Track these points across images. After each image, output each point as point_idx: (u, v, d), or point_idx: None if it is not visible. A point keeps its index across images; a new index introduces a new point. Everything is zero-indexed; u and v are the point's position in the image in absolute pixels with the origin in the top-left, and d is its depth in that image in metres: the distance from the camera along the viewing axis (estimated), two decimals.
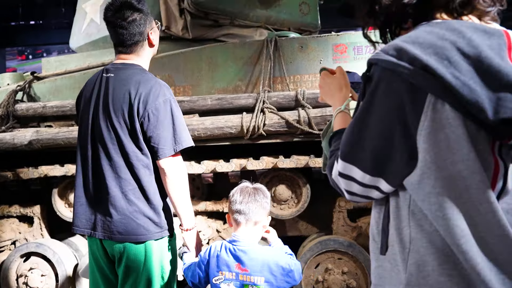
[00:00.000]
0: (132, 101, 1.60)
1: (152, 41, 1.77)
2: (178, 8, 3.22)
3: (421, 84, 0.73)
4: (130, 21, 1.69)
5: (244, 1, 3.32)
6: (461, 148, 0.73)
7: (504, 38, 0.75)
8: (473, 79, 0.71)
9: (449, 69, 0.71)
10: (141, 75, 1.68)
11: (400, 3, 0.82)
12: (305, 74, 2.85)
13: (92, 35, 3.67)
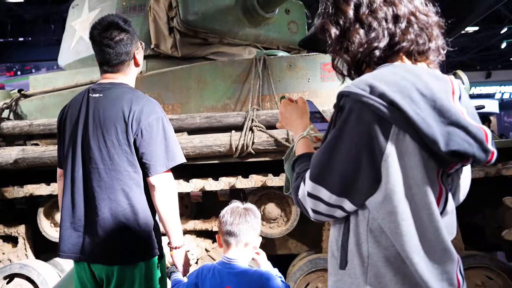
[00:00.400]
0: (126, 119, 1.60)
1: (137, 60, 1.78)
2: (168, 27, 3.25)
3: (388, 116, 0.83)
4: (117, 41, 1.69)
5: (233, 20, 3.36)
6: (417, 174, 0.85)
7: (450, 84, 0.89)
8: (430, 115, 0.83)
9: (411, 106, 0.82)
10: (132, 93, 1.68)
11: (370, 49, 0.93)
12: (294, 92, 2.87)
13: (81, 53, 3.67)
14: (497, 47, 17.55)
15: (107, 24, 1.71)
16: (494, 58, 20.78)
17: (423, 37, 0.94)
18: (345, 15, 0.97)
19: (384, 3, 0.95)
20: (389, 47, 0.93)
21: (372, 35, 0.93)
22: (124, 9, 3.42)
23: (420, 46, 0.94)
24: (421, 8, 0.97)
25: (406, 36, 0.92)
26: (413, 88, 0.84)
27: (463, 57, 19.85)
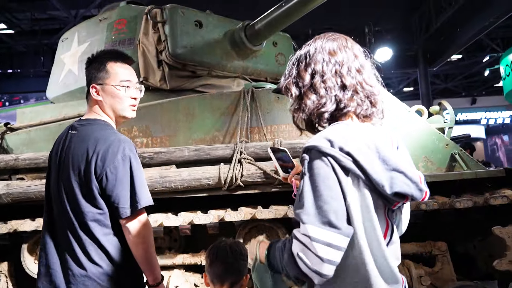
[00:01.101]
0: (89, 160, 1.56)
1: None
2: (156, 60, 3.28)
3: (346, 165, 1.01)
4: None
5: (221, 53, 3.40)
6: (369, 211, 1.03)
7: (390, 137, 1.11)
8: (376, 164, 1.02)
9: (363, 156, 1.01)
10: (101, 131, 1.63)
11: (319, 112, 1.13)
12: (282, 124, 2.89)
13: (70, 86, 3.68)
14: (480, 74, 18.00)
15: (94, 56, 1.76)
16: (479, 85, 21.26)
17: (367, 103, 1.12)
18: (303, 80, 1.16)
19: (334, 74, 1.13)
20: (338, 110, 1.12)
21: (322, 101, 1.12)
22: (113, 43, 3.45)
23: (364, 111, 1.12)
24: (367, 80, 1.14)
25: (351, 103, 1.11)
26: (362, 142, 1.03)
27: (448, 84, 20.28)
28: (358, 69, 1.14)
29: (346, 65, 1.14)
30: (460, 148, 2.87)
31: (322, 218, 1.00)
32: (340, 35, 1.22)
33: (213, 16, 3.48)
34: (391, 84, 20.22)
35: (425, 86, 11.07)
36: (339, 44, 1.17)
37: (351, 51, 1.16)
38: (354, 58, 1.15)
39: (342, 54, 1.15)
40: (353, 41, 1.22)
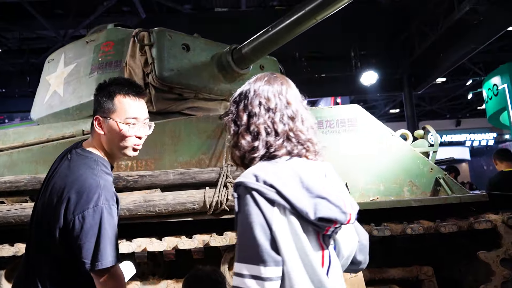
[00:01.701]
0: (62, 200, 1.47)
1: (95, 126, 1.63)
2: (143, 82, 3.27)
3: (271, 197, 1.07)
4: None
5: (208, 76, 3.42)
6: (299, 239, 1.07)
7: (316, 167, 1.18)
8: (300, 193, 1.09)
9: (286, 188, 1.08)
10: (85, 170, 1.53)
11: (251, 154, 1.20)
12: None
13: (55, 107, 3.64)
14: (464, 96, 18.39)
15: (106, 83, 1.66)
16: (463, 107, 21.71)
17: (299, 148, 1.19)
18: (241, 120, 1.22)
19: (267, 119, 1.20)
20: (269, 153, 1.18)
21: (255, 144, 1.19)
22: (100, 65, 3.44)
23: (296, 153, 1.19)
24: (300, 127, 1.21)
25: (282, 149, 1.18)
26: (286, 174, 1.11)
27: (433, 106, 20.67)
28: (291, 116, 1.21)
29: (279, 112, 1.21)
30: (445, 172, 2.90)
31: (249, 253, 1.06)
32: (280, 79, 1.28)
33: (201, 39, 3.51)
34: (377, 106, 20.53)
35: (410, 109, 11.24)
36: (274, 90, 1.23)
37: (285, 98, 1.23)
38: (287, 105, 1.22)
39: (275, 100, 1.22)
40: (291, 85, 1.28)
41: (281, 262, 1.05)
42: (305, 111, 1.26)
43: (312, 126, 1.25)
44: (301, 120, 1.22)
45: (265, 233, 1.05)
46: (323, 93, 12.97)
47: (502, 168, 4.98)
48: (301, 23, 2.85)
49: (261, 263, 1.04)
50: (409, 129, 3.22)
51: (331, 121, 2.93)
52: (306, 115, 1.25)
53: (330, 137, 2.92)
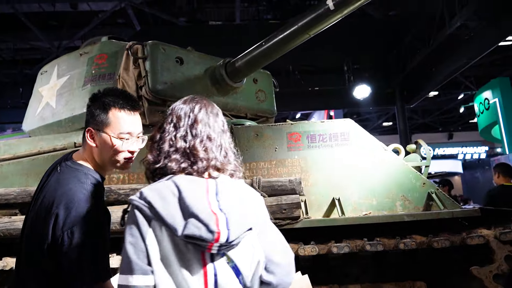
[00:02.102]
0: (51, 214, 1.44)
1: (87, 139, 1.61)
2: (136, 95, 3.26)
3: (147, 213, 1.15)
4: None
5: (202, 89, 3.42)
6: (170, 256, 1.13)
7: (205, 184, 1.21)
8: (176, 210, 1.14)
9: (163, 204, 1.14)
10: (73, 184, 1.50)
11: (150, 168, 1.29)
12: (261, 161, 2.88)
13: (47, 119, 3.62)
14: (456, 110, 18.58)
15: (100, 94, 1.63)
16: (455, 120, 21.91)
17: (198, 165, 1.25)
18: (155, 136, 1.33)
19: (172, 135, 1.28)
20: (166, 167, 1.25)
21: (157, 158, 1.27)
22: (93, 77, 3.44)
23: (194, 170, 1.25)
24: (204, 146, 1.27)
25: (178, 164, 1.25)
26: (169, 190, 1.17)
27: (426, 119, 20.84)
28: (194, 135, 1.29)
29: (184, 129, 1.29)
30: (437, 187, 2.90)
31: (123, 265, 1.14)
32: (198, 100, 1.36)
33: (194, 53, 3.52)
34: (370, 118, 20.67)
35: (402, 122, 11.33)
36: (186, 109, 1.32)
37: (194, 117, 1.31)
38: (193, 124, 1.30)
39: (184, 118, 1.31)
40: (209, 108, 1.36)
41: (149, 271, 1.13)
42: (217, 132, 1.32)
43: (225, 146, 1.33)
44: (206, 138, 1.29)
45: (138, 246, 1.14)
46: (317, 106, 13.05)
47: (502, 182, 4.98)
48: (294, 38, 2.88)
49: (129, 273, 1.13)
50: (401, 143, 3.24)
51: (324, 135, 2.93)
52: (216, 135, 1.31)
53: (323, 151, 2.92)
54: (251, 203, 1.26)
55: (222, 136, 1.34)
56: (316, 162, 2.91)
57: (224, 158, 1.31)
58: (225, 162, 1.30)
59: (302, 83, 10.71)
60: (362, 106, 12.34)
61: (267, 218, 1.34)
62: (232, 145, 1.40)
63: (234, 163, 1.34)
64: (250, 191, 1.32)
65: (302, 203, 2.72)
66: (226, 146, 1.34)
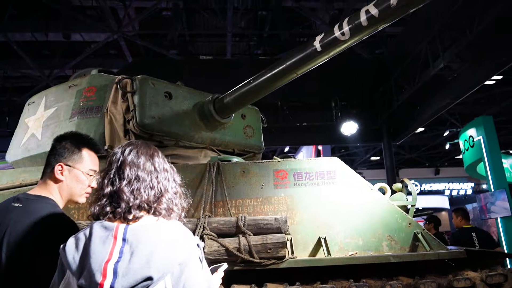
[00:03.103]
0: (29, 240, 1.47)
1: (56, 175, 1.74)
2: (123, 129, 3.26)
3: (62, 259, 1.21)
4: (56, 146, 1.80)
5: (190, 124, 3.43)
6: None
7: (113, 231, 1.22)
8: (81, 258, 1.17)
9: (73, 253, 1.19)
10: (49, 210, 1.58)
11: (89, 214, 1.34)
12: (247, 198, 2.86)
13: (31, 150, 3.57)
14: (442, 146, 18.87)
15: (70, 135, 1.85)
16: (441, 156, 22.20)
17: (122, 207, 1.26)
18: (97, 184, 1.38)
19: (102, 180, 1.32)
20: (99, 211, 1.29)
21: (96, 201, 1.30)
22: (81, 110, 3.43)
23: (117, 213, 1.26)
24: (132, 187, 1.29)
25: (103, 208, 1.27)
26: (83, 239, 1.21)
27: (412, 154, 21.09)
28: (120, 177, 1.31)
29: (112, 173, 1.32)
30: (423, 228, 2.90)
31: None
32: (131, 143, 1.40)
33: (183, 88, 3.55)
34: (358, 153, 20.85)
35: (389, 159, 11.45)
36: (116, 153, 1.36)
37: (121, 160, 1.34)
38: (119, 167, 1.32)
39: (113, 163, 1.35)
40: (141, 150, 1.38)
41: None
42: (148, 171, 1.34)
43: (159, 186, 1.33)
44: (134, 179, 1.30)
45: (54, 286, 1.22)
46: (305, 142, 13.15)
47: (463, 224, 5.86)
48: (282, 76, 2.93)
49: None
50: (388, 179, 3.26)
51: (311, 173, 2.93)
52: (146, 175, 1.32)
53: (310, 189, 2.91)
54: (170, 248, 1.22)
55: (156, 176, 1.35)
56: (303, 200, 2.89)
57: (156, 198, 1.31)
58: (155, 202, 1.30)
59: (291, 119, 10.84)
60: (349, 142, 12.47)
61: (193, 263, 1.27)
62: (175, 185, 1.41)
63: (167, 204, 1.33)
64: (177, 235, 1.27)
65: (287, 242, 2.69)
66: (162, 186, 1.35)
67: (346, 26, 2.53)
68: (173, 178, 1.43)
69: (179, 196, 1.42)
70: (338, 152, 20.59)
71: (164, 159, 1.44)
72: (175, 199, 1.38)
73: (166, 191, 1.35)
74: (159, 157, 1.42)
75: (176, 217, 1.36)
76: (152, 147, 1.44)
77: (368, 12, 2.42)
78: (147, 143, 1.44)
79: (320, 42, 2.68)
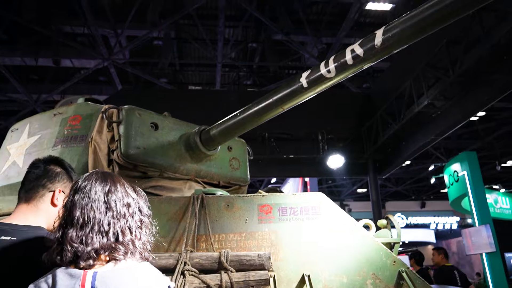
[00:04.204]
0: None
1: (54, 200, 1.71)
2: (107, 159, 3.22)
3: None
4: (47, 169, 1.78)
5: (175, 155, 3.40)
6: None
7: (81, 279, 1.17)
8: None
9: None
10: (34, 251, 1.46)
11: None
12: (230, 233, 2.81)
13: (12, 178, 3.49)
14: (428, 179, 19.09)
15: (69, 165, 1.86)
16: (427, 190, 22.40)
17: (67, 253, 1.21)
18: None
19: (57, 225, 1.27)
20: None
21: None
22: (65, 138, 3.39)
23: (63, 264, 1.21)
24: (82, 232, 1.22)
25: (63, 255, 1.21)
26: (44, 283, 1.17)
27: (399, 187, 21.24)
28: (71, 223, 1.24)
29: (63, 219, 1.26)
30: (407, 266, 2.87)
31: None
32: (87, 182, 1.30)
33: (170, 119, 3.54)
34: (345, 185, 20.92)
35: (375, 193, 11.50)
36: (70, 197, 1.29)
37: (70, 203, 1.27)
38: (69, 211, 1.26)
39: (67, 205, 1.29)
40: (93, 189, 1.30)
41: None
42: (102, 211, 1.25)
43: (118, 226, 1.25)
44: (85, 223, 1.22)
45: None
46: (291, 174, 13.18)
47: (444, 262, 6.15)
48: (268, 111, 2.95)
49: None
50: (374, 212, 3.25)
51: (295, 208, 2.91)
52: (100, 215, 1.24)
53: (294, 225, 2.88)
54: None
55: (112, 215, 1.26)
56: (287, 236, 2.85)
57: (115, 240, 1.23)
58: (113, 246, 1.22)
59: (278, 150, 10.89)
60: (336, 175, 12.55)
61: None
62: (139, 217, 1.33)
63: (131, 243, 1.25)
64: (148, 281, 1.22)
65: (271, 279, 2.63)
66: (120, 227, 1.26)
67: (332, 64, 2.58)
68: (138, 210, 1.35)
69: (145, 230, 1.34)
70: (325, 183, 20.63)
71: (126, 190, 1.35)
72: (141, 234, 1.31)
73: (128, 230, 1.27)
74: (117, 192, 1.32)
75: (144, 253, 1.30)
76: (110, 180, 1.33)
77: (354, 51, 2.47)
78: (106, 174, 1.35)
79: (307, 78, 2.72)
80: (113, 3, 11.59)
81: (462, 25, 7.14)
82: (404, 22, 2.20)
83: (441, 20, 2.05)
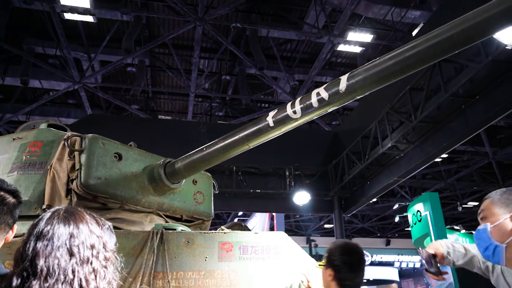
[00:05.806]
0: None
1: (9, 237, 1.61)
2: (66, 188, 3.10)
3: None
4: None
5: (137, 187, 3.32)
6: None
7: None
8: None
9: None
10: None
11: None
12: (189, 271, 2.74)
13: None
14: (393, 217, 19.41)
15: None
16: (392, 227, 22.71)
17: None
18: None
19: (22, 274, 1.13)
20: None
21: None
22: (22, 165, 3.26)
23: None
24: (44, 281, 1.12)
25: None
26: None
27: (364, 223, 21.44)
28: (34, 272, 1.13)
29: (21, 269, 1.14)
30: None
31: None
32: (49, 227, 1.20)
33: (135, 149, 3.48)
34: (312, 219, 20.95)
35: (339, 231, 11.58)
36: (30, 243, 1.17)
37: (30, 252, 1.15)
38: (31, 260, 1.14)
39: (26, 252, 1.18)
40: (55, 231, 1.19)
41: None
42: (66, 258, 1.16)
43: (81, 273, 1.15)
44: (47, 272, 1.12)
45: None
46: (258, 209, 13.09)
47: None
48: (234, 147, 2.95)
49: None
50: None
51: (257, 247, 2.88)
52: (65, 263, 1.15)
53: (255, 264, 2.84)
54: None
55: (76, 262, 1.17)
56: (247, 275, 2.81)
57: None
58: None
59: (245, 185, 10.84)
60: (302, 211, 12.57)
61: None
62: (104, 255, 1.25)
63: None
64: None
65: None
66: (85, 271, 1.18)
67: (298, 105, 2.63)
68: (102, 247, 1.26)
69: (109, 266, 1.27)
70: (293, 217, 20.60)
71: (89, 228, 1.26)
72: (105, 273, 1.24)
73: (92, 275, 1.19)
74: (81, 234, 1.23)
75: None
76: (73, 221, 1.24)
77: (319, 94, 2.54)
78: (68, 213, 1.26)
79: (273, 118, 2.76)
80: (88, 27, 11.56)
81: (424, 73, 7.51)
82: (367, 70, 2.29)
83: (401, 71, 2.15)
